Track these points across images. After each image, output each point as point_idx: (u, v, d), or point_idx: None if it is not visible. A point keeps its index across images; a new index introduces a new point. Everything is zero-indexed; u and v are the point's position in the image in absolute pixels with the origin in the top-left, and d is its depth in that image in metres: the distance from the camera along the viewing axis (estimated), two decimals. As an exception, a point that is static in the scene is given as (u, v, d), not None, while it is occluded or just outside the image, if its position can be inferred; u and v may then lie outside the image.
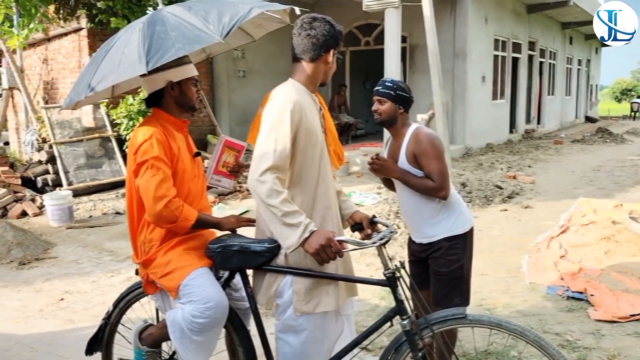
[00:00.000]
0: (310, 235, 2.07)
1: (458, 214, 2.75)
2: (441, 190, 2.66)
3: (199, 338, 2.24)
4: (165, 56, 2.09)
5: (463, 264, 2.72)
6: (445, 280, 2.72)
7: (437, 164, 2.65)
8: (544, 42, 17.79)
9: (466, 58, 12.28)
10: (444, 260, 2.71)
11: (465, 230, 2.74)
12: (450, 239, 2.71)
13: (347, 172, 9.72)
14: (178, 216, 2.27)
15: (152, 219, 2.29)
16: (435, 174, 2.64)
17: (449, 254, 2.71)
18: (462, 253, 2.72)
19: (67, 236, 6.71)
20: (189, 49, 2.15)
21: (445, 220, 2.73)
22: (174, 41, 2.12)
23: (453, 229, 2.72)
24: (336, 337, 2.39)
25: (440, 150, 2.68)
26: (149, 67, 2.08)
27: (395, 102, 2.74)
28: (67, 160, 8.73)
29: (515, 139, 15.54)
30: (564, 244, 5.41)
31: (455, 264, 2.70)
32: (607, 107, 36.66)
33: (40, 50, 11.00)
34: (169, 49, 2.10)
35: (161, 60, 2.09)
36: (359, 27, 13.57)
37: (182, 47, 2.11)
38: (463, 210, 2.79)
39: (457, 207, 2.76)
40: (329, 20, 2.27)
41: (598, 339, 3.54)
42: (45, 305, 4.51)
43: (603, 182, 9.26)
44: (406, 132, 2.75)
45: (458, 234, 2.72)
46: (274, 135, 2.13)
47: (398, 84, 2.76)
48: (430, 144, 2.66)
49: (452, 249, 2.71)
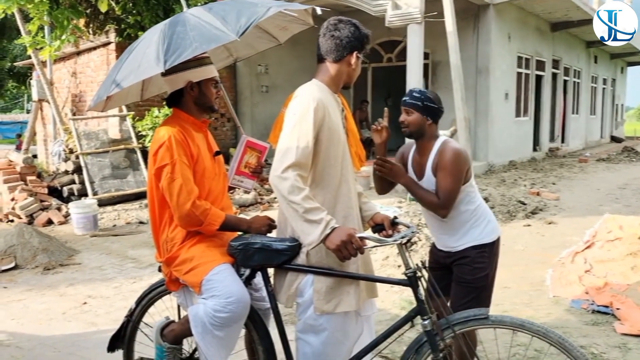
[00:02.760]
0: (332, 231, 2.08)
1: (486, 222, 2.71)
2: (442, 209, 2.59)
3: (220, 333, 2.25)
4: (182, 55, 2.14)
5: (488, 273, 2.67)
6: (468, 287, 2.67)
7: (449, 182, 2.56)
8: (568, 61, 17.66)
9: (489, 75, 12.25)
10: (470, 268, 2.66)
11: (492, 239, 2.70)
12: (477, 247, 2.66)
13: (369, 186, 9.69)
14: (203, 220, 2.32)
15: (178, 222, 2.35)
16: (443, 191, 2.57)
17: (476, 262, 2.65)
18: (489, 262, 2.67)
19: (91, 244, 6.81)
20: (206, 48, 2.19)
21: (474, 229, 2.67)
22: (192, 40, 2.16)
23: (480, 238, 2.67)
24: (356, 338, 2.38)
25: (460, 170, 2.58)
26: (166, 66, 2.13)
27: (423, 113, 2.66)
28: (93, 170, 8.90)
29: (539, 157, 15.37)
30: (589, 259, 5.31)
31: (481, 273, 2.65)
32: (634, 128, 36.06)
33: (69, 64, 11.30)
34: (186, 48, 2.15)
35: (179, 59, 2.13)
36: (382, 44, 13.66)
37: (199, 45, 2.15)
38: (491, 219, 2.75)
39: (485, 216, 2.72)
40: (354, 23, 2.30)
41: (625, 352, 3.46)
42: (68, 309, 4.57)
43: (629, 200, 9.09)
44: (434, 145, 2.68)
45: (485, 243, 2.67)
46: (296, 132, 2.15)
47: (426, 94, 2.68)
48: (452, 159, 2.57)
49: (480, 258, 2.66)
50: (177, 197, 2.28)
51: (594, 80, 21.12)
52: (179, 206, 2.29)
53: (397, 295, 4.47)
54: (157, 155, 2.34)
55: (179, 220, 2.33)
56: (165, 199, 2.36)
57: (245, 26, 2.15)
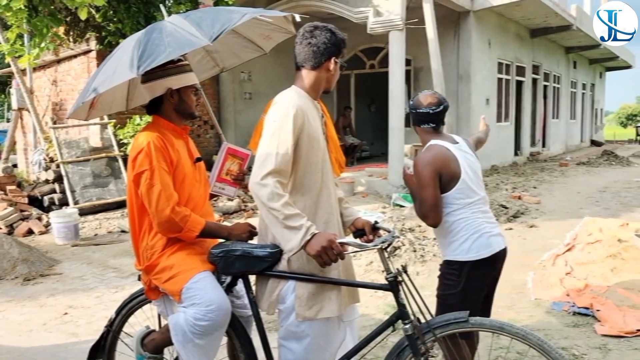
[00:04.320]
0: (312, 237, 2.09)
1: (465, 239, 2.55)
2: (425, 219, 2.56)
3: (201, 341, 2.23)
4: (156, 60, 2.15)
5: (457, 292, 2.54)
6: (439, 301, 2.63)
7: (420, 191, 2.54)
8: (548, 66, 17.91)
9: (470, 81, 12.37)
10: (440, 282, 2.65)
11: (468, 258, 2.54)
12: (450, 262, 2.60)
13: (352, 192, 9.73)
14: (183, 227, 2.30)
15: (157, 229, 2.33)
16: (417, 201, 2.57)
17: (445, 277, 2.62)
18: (458, 281, 2.54)
19: (72, 253, 6.72)
20: (180, 52, 2.22)
21: (453, 243, 2.58)
22: (167, 46, 2.18)
23: (454, 254, 2.58)
24: (339, 343, 2.38)
25: (422, 176, 2.52)
26: (139, 71, 2.14)
27: (413, 123, 2.75)
28: (74, 179, 8.80)
29: (520, 161, 15.54)
30: (570, 262, 5.37)
31: (449, 290, 2.58)
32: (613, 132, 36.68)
33: (49, 72, 11.18)
34: (160, 53, 2.16)
35: (152, 64, 2.15)
36: (364, 51, 13.73)
37: (173, 51, 2.17)
38: (474, 237, 2.55)
39: (467, 233, 2.55)
40: (330, 29, 2.31)
41: (605, 353, 3.50)
42: (48, 320, 4.50)
43: (609, 203, 9.23)
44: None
45: (457, 260, 2.56)
46: (276, 139, 2.16)
47: (410, 102, 2.74)
48: (417, 169, 2.56)
49: (448, 274, 2.60)
50: (156, 203, 2.27)
51: (573, 85, 21.43)
52: (158, 212, 2.27)
53: (381, 300, 4.48)
54: (135, 161, 2.33)
55: (158, 227, 2.31)
56: (145, 206, 2.34)
57: (219, 31, 2.16)
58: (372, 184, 10.16)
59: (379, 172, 10.89)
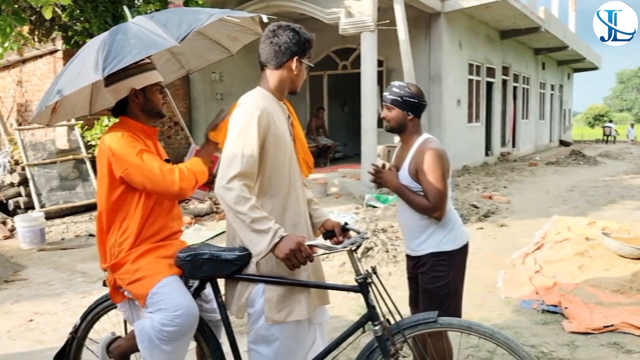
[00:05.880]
0: (280, 240, 2.06)
1: (449, 230, 2.64)
2: (435, 211, 2.56)
3: (168, 347, 2.19)
4: (122, 61, 2.12)
5: (449, 282, 2.61)
6: (431, 297, 2.63)
7: (436, 183, 2.53)
8: (518, 68, 18.21)
9: (441, 82, 12.49)
10: (428, 277, 2.64)
11: (454, 247, 2.64)
12: (436, 254, 2.62)
13: (326, 193, 9.72)
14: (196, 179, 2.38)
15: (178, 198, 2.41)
16: (432, 193, 2.54)
17: (434, 269, 2.62)
18: (449, 271, 2.61)
19: (38, 258, 6.55)
20: (146, 53, 2.19)
21: (436, 235, 2.62)
22: (132, 47, 2.15)
23: (440, 245, 2.62)
24: (309, 346, 2.36)
25: (443, 169, 2.56)
26: (104, 73, 2.10)
27: (403, 109, 2.65)
28: (40, 182, 8.58)
29: (491, 161, 15.75)
30: (539, 260, 5.46)
31: (440, 281, 2.60)
32: (581, 132, 37.45)
33: (14, 72, 10.90)
34: (126, 54, 2.13)
35: (118, 65, 2.11)
36: (337, 51, 13.74)
37: (139, 52, 2.14)
38: (456, 227, 2.68)
39: (450, 223, 2.66)
40: (293, 28, 2.27)
41: (573, 350, 3.55)
42: (13, 327, 4.37)
43: (577, 202, 9.41)
44: (415, 142, 2.66)
45: (444, 251, 2.62)
46: (241, 142, 2.13)
47: (406, 89, 2.65)
48: (433, 160, 2.55)
49: (437, 266, 2.61)
50: (164, 180, 2.26)
51: (542, 86, 21.84)
52: (171, 186, 2.27)
53: (354, 302, 4.47)
54: (114, 156, 2.26)
55: (180, 195, 2.33)
56: (119, 201, 2.30)
57: (186, 32, 2.13)
58: (345, 185, 10.17)
59: (352, 173, 10.91)
